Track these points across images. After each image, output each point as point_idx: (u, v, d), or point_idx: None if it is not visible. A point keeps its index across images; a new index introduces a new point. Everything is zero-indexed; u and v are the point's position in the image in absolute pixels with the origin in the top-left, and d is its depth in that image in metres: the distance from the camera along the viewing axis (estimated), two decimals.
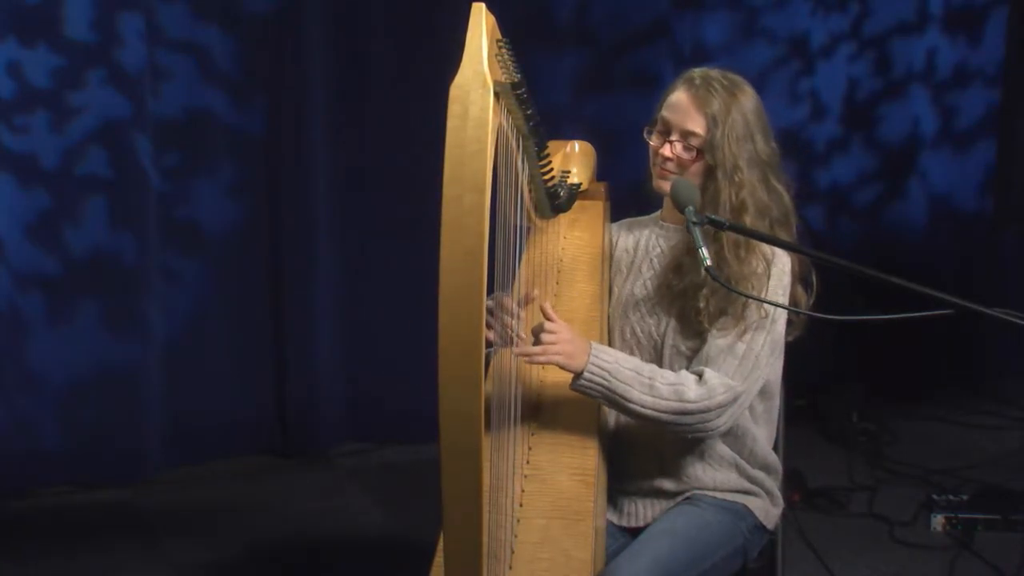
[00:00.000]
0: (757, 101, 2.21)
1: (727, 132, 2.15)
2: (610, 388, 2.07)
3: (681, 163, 2.20)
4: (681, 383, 2.09)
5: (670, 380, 2.10)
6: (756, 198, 2.16)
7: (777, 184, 2.22)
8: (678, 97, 2.20)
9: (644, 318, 2.28)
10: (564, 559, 1.94)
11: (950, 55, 4.77)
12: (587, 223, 2.51)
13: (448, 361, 1.52)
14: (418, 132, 3.75)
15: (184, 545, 3.57)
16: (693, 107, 2.17)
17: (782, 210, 2.22)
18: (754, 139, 2.18)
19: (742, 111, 2.17)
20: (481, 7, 1.55)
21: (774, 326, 2.17)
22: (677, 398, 2.08)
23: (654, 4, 4.43)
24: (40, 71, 3.79)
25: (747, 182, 2.15)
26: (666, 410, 2.08)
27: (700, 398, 2.08)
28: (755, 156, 2.18)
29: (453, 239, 1.51)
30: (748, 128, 2.17)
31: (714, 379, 2.10)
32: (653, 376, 2.09)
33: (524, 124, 1.90)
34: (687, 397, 2.08)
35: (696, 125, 2.17)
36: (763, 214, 2.17)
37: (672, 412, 2.08)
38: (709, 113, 2.16)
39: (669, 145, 2.20)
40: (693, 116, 2.17)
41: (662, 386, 2.08)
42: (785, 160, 2.28)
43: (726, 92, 2.17)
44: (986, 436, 4.38)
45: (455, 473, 1.55)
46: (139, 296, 3.98)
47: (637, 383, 2.07)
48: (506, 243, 1.87)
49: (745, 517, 2.24)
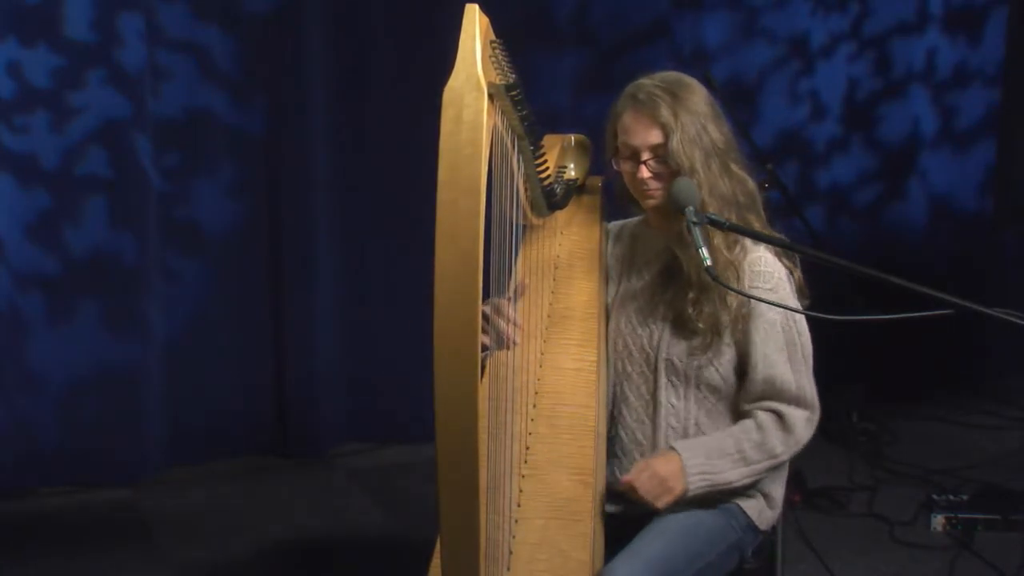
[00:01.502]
0: (702, 92, 2.23)
1: (680, 136, 2.16)
2: (714, 484, 2.15)
3: (661, 178, 2.20)
4: (766, 440, 2.17)
5: (756, 441, 2.17)
6: (717, 193, 2.18)
7: (738, 169, 2.23)
8: (629, 118, 2.22)
9: (636, 330, 2.29)
10: (562, 560, 1.94)
11: (950, 55, 4.77)
12: (583, 219, 2.51)
13: (444, 364, 1.52)
14: (418, 132, 3.73)
15: (184, 545, 3.57)
16: (647, 122, 2.19)
17: (747, 195, 2.23)
18: (707, 131, 2.19)
19: (689, 109, 2.18)
20: (474, 8, 1.54)
21: (802, 339, 2.23)
22: (769, 456, 2.17)
23: (654, 4, 4.43)
24: (40, 71, 3.79)
25: (705, 180, 2.16)
26: (762, 471, 2.19)
27: (788, 445, 2.18)
28: (711, 148, 2.19)
29: (448, 243, 1.50)
30: (698, 124, 2.18)
31: (794, 420, 2.18)
32: (741, 448, 2.16)
33: (519, 124, 1.89)
34: (776, 452, 2.17)
35: (657, 137, 2.19)
36: (727, 207, 2.18)
37: (766, 469, 2.19)
38: (661, 122, 2.17)
39: (643, 166, 2.21)
40: (651, 130, 2.19)
41: (751, 451, 2.16)
42: (785, 160, 2.29)
43: (670, 96, 2.18)
44: (986, 436, 4.38)
45: (452, 474, 1.55)
46: (139, 296, 3.98)
47: (731, 463, 2.15)
48: (502, 243, 1.87)
49: (736, 515, 2.25)
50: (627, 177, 2.26)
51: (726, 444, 2.16)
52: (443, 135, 1.51)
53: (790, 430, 2.17)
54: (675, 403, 2.24)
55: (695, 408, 2.24)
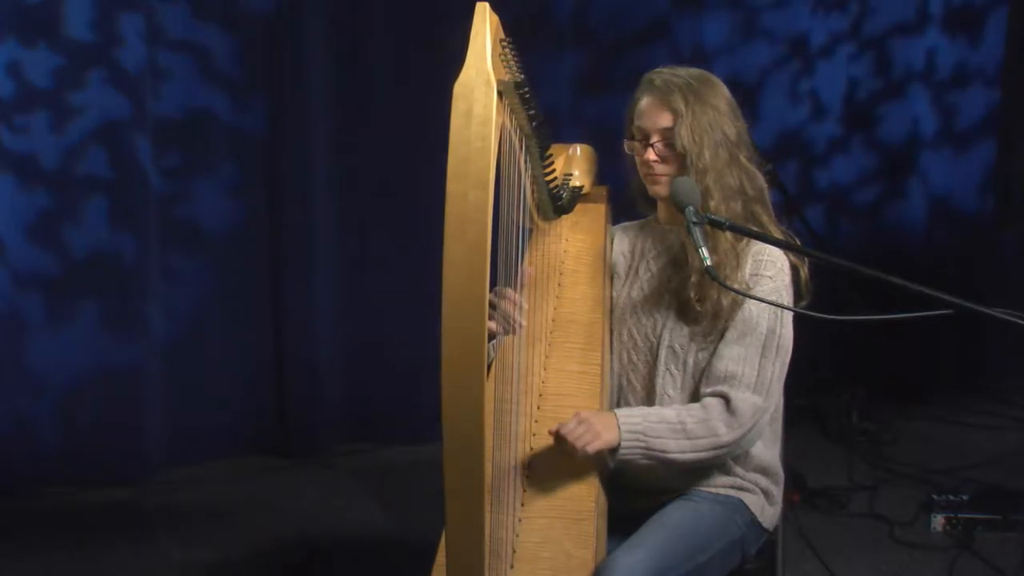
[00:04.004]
0: (719, 86, 2.25)
1: (690, 122, 2.18)
2: (649, 447, 2.10)
3: (667, 162, 2.22)
4: (709, 417, 2.12)
5: (699, 417, 2.13)
6: (723, 183, 2.18)
7: (748, 163, 2.24)
8: (644, 102, 2.24)
9: (641, 320, 2.30)
10: (565, 558, 1.95)
11: (950, 55, 4.77)
12: (589, 226, 2.52)
13: (452, 355, 1.53)
14: (418, 132, 3.78)
15: (184, 545, 3.57)
16: (660, 106, 2.21)
17: (756, 188, 2.24)
18: (720, 125, 2.20)
19: (702, 99, 2.20)
20: (485, 7, 1.56)
21: (782, 330, 2.19)
22: (711, 434, 2.12)
23: (654, 4, 4.44)
24: (40, 71, 3.79)
25: (711, 167, 2.18)
26: (704, 448, 2.12)
27: (731, 427, 2.13)
28: (722, 139, 2.20)
29: (457, 235, 1.52)
30: (711, 114, 2.20)
31: (740, 403, 2.13)
32: (683, 420, 2.12)
33: (527, 123, 1.91)
34: (719, 432, 2.12)
35: (667, 121, 2.21)
36: (732, 197, 2.19)
37: (709, 449, 2.13)
38: (674, 108, 2.19)
39: (651, 149, 2.23)
40: (662, 114, 2.21)
41: (693, 426, 2.11)
42: (785, 160, 2.29)
43: (685, 84, 2.20)
44: (986, 436, 4.38)
45: (458, 463, 1.57)
46: (139, 296, 3.98)
47: (670, 434, 2.11)
48: (509, 243, 1.88)
49: (740, 510, 2.25)
50: (637, 161, 2.28)
51: (667, 414, 2.13)
52: (453, 129, 1.53)
53: (735, 413, 2.12)
54: (671, 394, 2.24)
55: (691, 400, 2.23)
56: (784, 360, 2.19)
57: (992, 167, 4.88)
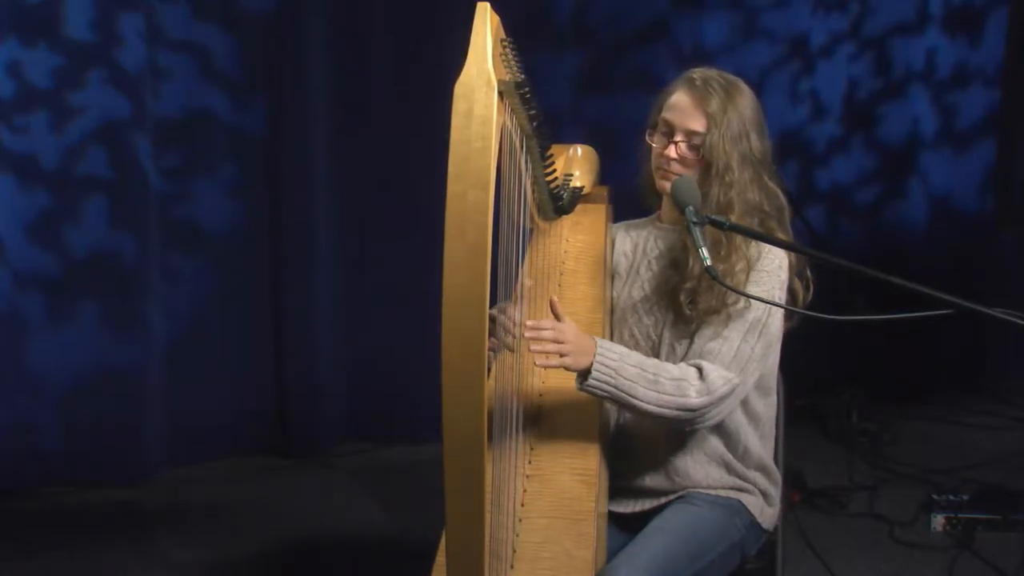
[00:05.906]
0: (754, 100, 2.23)
1: (723, 132, 2.17)
2: (617, 387, 2.06)
3: (685, 163, 2.21)
4: (684, 378, 2.10)
5: (674, 375, 2.10)
6: (745, 198, 2.18)
7: (770, 182, 2.23)
8: (679, 98, 2.22)
9: (642, 319, 2.30)
10: (566, 558, 1.94)
11: (950, 55, 4.77)
12: (589, 226, 2.52)
13: (452, 355, 1.53)
14: (418, 132, 3.78)
15: (184, 545, 3.57)
16: (694, 107, 2.19)
17: (776, 206, 2.23)
18: (749, 138, 2.19)
19: (738, 111, 2.19)
20: (486, 7, 1.56)
21: (769, 319, 2.17)
22: (680, 394, 2.08)
23: (654, 4, 4.43)
24: (40, 71, 3.79)
25: (737, 181, 2.17)
26: (670, 406, 2.08)
27: (701, 393, 2.09)
28: (748, 155, 2.19)
29: (457, 235, 1.52)
30: (743, 127, 2.19)
31: (713, 373, 2.11)
32: (658, 372, 2.09)
33: (527, 124, 1.90)
34: (688, 394, 2.09)
35: (698, 124, 2.19)
36: (751, 212, 2.19)
37: (675, 408, 2.09)
38: (709, 112, 2.18)
39: (674, 146, 2.21)
40: (695, 116, 2.19)
41: (666, 381, 2.08)
42: (785, 160, 2.29)
43: (724, 92, 2.19)
44: (986, 436, 4.38)
45: (458, 463, 1.56)
46: (139, 296, 3.98)
47: (643, 380, 2.07)
48: (509, 244, 1.88)
49: (739, 512, 2.25)
50: (654, 152, 2.26)
51: (646, 362, 2.10)
52: (454, 129, 1.53)
53: (706, 380, 2.09)
54: None
55: None
56: (766, 343, 2.17)
57: (992, 167, 4.88)
